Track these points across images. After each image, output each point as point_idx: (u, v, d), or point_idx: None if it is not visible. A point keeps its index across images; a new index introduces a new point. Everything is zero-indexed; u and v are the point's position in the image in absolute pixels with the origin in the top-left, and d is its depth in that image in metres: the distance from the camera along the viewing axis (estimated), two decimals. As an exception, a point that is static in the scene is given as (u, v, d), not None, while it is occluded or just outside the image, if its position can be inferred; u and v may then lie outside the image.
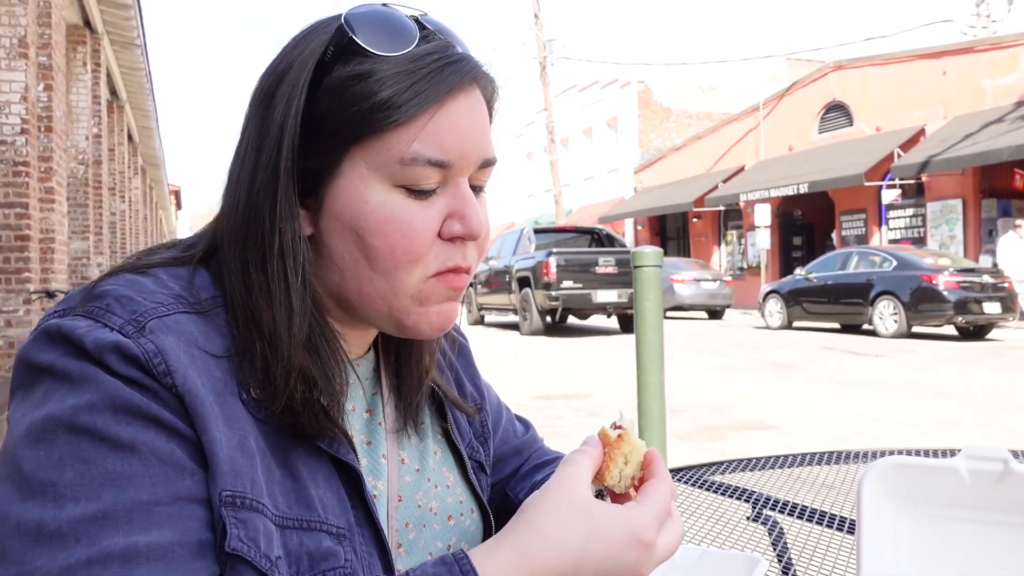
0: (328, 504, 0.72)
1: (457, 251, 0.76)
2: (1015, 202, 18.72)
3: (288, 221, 0.73)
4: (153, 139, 20.07)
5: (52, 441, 0.62)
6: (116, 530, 0.59)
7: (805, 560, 1.16)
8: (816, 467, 1.58)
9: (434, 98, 0.72)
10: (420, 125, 0.72)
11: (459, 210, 0.75)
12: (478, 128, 0.76)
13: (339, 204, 0.73)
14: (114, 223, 13.77)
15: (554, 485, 0.68)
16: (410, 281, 0.74)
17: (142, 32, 12.01)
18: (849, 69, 22.23)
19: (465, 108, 0.75)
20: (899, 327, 14.07)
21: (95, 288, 0.70)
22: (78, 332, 0.65)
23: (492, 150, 0.78)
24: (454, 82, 0.73)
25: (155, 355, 0.65)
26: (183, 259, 0.76)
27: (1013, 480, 0.72)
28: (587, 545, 0.65)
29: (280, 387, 0.70)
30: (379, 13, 0.75)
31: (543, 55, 31.22)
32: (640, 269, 4.19)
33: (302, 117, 0.73)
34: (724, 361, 11.34)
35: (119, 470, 0.61)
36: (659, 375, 4.22)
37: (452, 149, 0.73)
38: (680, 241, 30.34)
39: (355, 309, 0.78)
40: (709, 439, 6.15)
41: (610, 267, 15.01)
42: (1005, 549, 0.74)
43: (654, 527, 0.68)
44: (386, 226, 0.72)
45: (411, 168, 0.72)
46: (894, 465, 0.75)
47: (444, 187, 0.75)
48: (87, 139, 10.19)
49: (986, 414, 6.97)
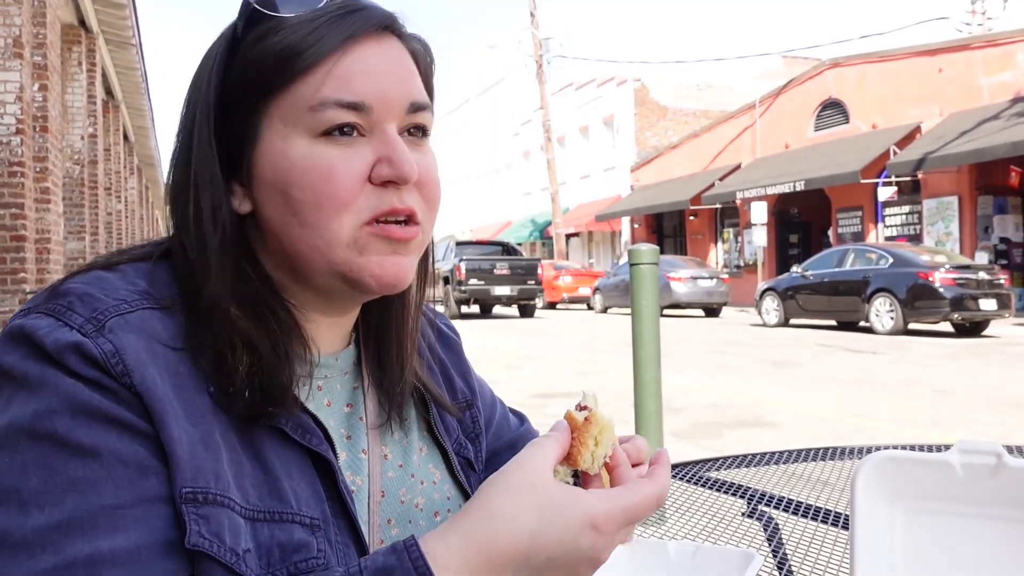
0: (302, 495, 0.71)
1: (392, 195, 0.74)
2: (1011, 199, 18.76)
3: (206, 188, 0.73)
4: (149, 139, 20.06)
5: (14, 448, 0.62)
6: (80, 536, 0.59)
7: (800, 556, 1.16)
8: (811, 463, 1.59)
9: (337, 41, 0.72)
10: (326, 69, 0.72)
11: (386, 154, 0.73)
12: (396, 71, 0.75)
13: (264, 166, 0.74)
14: (110, 223, 13.76)
15: (512, 467, 0.65)
16: (341, 230, 0.73)
17: (137, 32, 11.99)
18: (845, 67, 22.25)
19: (376, 52, 0.74)
20: (895, 324, 14.10)
21: (60, 285, 0.70)
22: (39, 332, 0.65)
23: (420, 93, 0.77)
24: (357, 26, 0.73)
25: (112, 355, 0.65)
26: (151, 254, 0.76)
27: (1006, 474, 0.72)
28: (541, 528, 0.62)
29: (228, 360, 0.70)
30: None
31: (539, 53, 31.24)
32: (636, 267, 4.19)
33: (218, 91, 0.74)
34: (721, 359, 11.35)
35: (81, 475, 0.61)
36: (656, 373, 4.22)
37: (365, 92, 0.73)
38: (677, 239, 30.36)
39: (301, 274, 0.77)
40: (706, 437, 6.16)
41: (505, 270, 20.98)
42: (998, 542, 0.74)
43: (616, 519, 0.64)
44: (307, 176, 0.72)
45: (323, 113, 0.72)
46: (887, 459, 0.75)
47: (371, 134, 0.74)
48: (83, 139, 10.17)
49: (983, 410, 6.98)
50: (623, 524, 0.65)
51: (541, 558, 0.63)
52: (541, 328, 17.92)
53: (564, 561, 0.63)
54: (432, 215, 0.79)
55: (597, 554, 0.64)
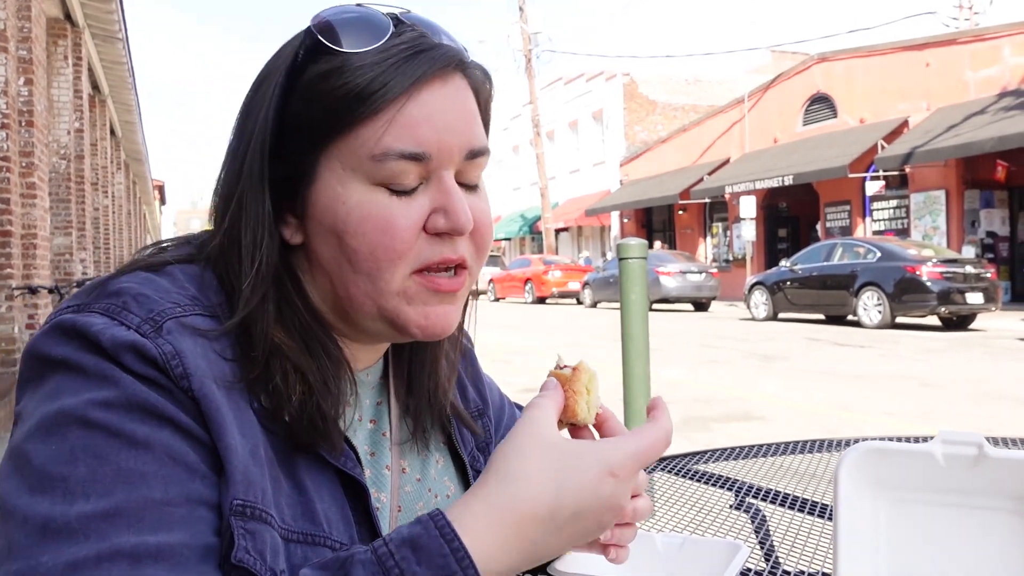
0: (332, 519, 0.71)
1: (445, 245, 0.73)
2: (997, 193, 18.86)
3: (257, 225, 0.72)
4: (136, 134, 19.92)
5: (64, 435, 0.61)
6: (127, 528, 0.58)
7: (787, 547, 1.17)
8: (798, 456, 1.60)
9: (403, 87, 0.70)
10: (389, 116, 0.70)
11: (443, 204, 0.72)
12: (459, 117, 0.73)
13: (319, 208, 0.72)
14: (97, 219, 13.67)
15: (520, 429, 0.66)
16: (394, 280, 0.72)
17: (124, 26, 11.91)
18: (833, 61, 22.31)
19: (441, 96, 0.72)
20: (883, 318, 14.17)
21: (109, 284, 0.69)
22: (94, 329, 0.64)
23: (479, 139, 0.75)
24: (425, 69, 0.71)
25: (173, 356, 0.64)
26: (196, 257, 0.75)
27: (987, 464, 0.73)
28: (561, 482, 0.63)
29: (280, 388, 0.69)
30: (349, 11, 0.74)
31: (528, 48, 31.19)
32: (625, 261, 4.20)
33: (275, 123, 0.72)
34: (710, 353, 11.38)
35: (132, 467, 0.60)
36: (645, 367, 4.24)
37: (428, 140, 0.71)
38: (666, 233, 30.41)
39: (349, 314, 0.76)
40: (695, 430, 6.18)
41: None
42: (979, 532, 0.75)
43: (630, 464, 0.65)
44: (364, 225, 0.70)
45: (385, 164, 0.70)
46: (871, 450, 0.76)
47: (427, 182, 0.72)
48: (69, 134, 10.10)
49: (971, 403, 7.03)
50: (637, 468, 0.66)
51: (567, 513, 0.63)
52: (531, 323, 17.91)
53: (589, 511, 0.64)
54: (482, 259, 0.78)
55: (618, 500, 0.65)
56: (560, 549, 0.65)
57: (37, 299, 7.52)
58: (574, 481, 0.63)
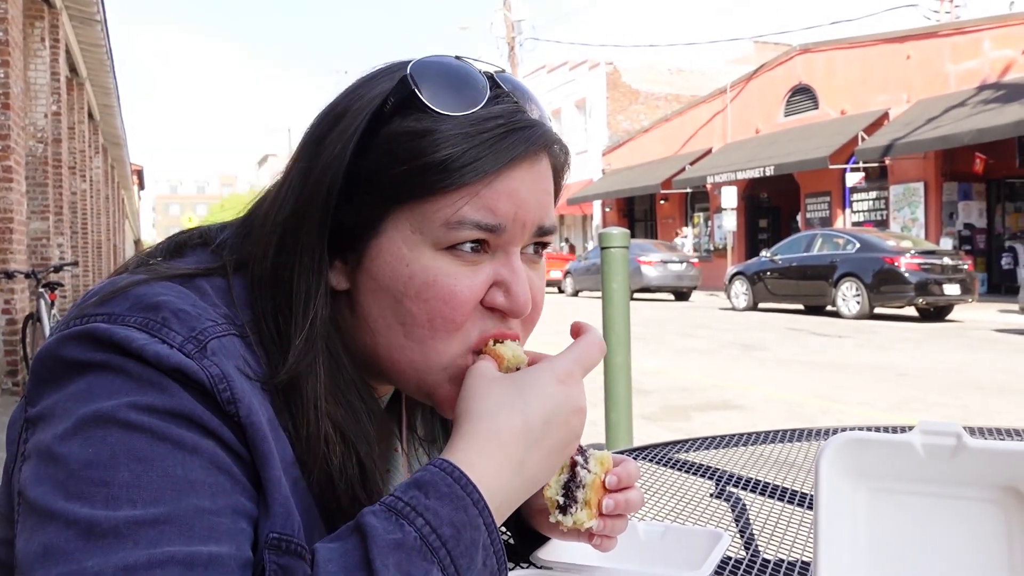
0: None
1: (500, 321, 0.73)
2: (975, 185, 19.05)
3: (311, 273, 0.69)
4: (115, 117, 19.69)
5: (102, 438, 0.58)
6: (179, 536, 0.56)
7: (767, 536, 1.18)
8: (778, 445, 1.61)
9: (493, 167, 0.68)
10: (474, 191, 0.68)
11: (506, 281, 0.72)
12: (538, 197, 0.72)
13: (378, 264, 0.70)
14: (75, 203, 13.52)
15: (468, 382, 0.69)
16: (447, 352, 0.71)
17: (102, 7, 11.75)
18: (815, 53, 22.40)
19: (526, 177, 0.71)
20: (861, 308, 14.30)
21: (142, 295, 0.64)
22: (135, 344, 0.61)
23: (551, 218, 0.74)
24: (518, 151, 0.70)
25: (220, 380, 0.62)
26: (217, 269, 0.71)
27: (966, 454, 0.74)
28: (525, 402, 0.67)
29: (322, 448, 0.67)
30: (448, 67, 0.72)
31: (512, 36, 31.09)
32: (607, 251, 4.21)
33: (349, 166, 0.69)
34: (690, 342, 11.44)
35: (180, 474, 0.58)
36: (626, 356, 4.26)
37: (506, 216, 0.70)
38: (648, 223, 30.48)
39: (384, 373, 0.75)
40: (675, 419, 6.22)
41: None
42: (958, 521, 0.76)
43: (573, 369, 0.70)
44: (427, 291, 0.69)
45: (458, 232, 0.69)
46: (851, 441, 0.77)
47: (494, 254, 0.71)
48: (46, 117, 9.96)
49: (946, 393, 7.12)
50: (583, 371, 0.71)
51: (538, 423, 0.67)
52: (512, 311, 17.93)
53: (557, 416, 0.68)
54: (529, 333, 0.79)
55: (576, 401, 0.69)
56: (549, 465, 0.69)
57: (13, 284, 7.43)
58: (534, 394, 0.67)
